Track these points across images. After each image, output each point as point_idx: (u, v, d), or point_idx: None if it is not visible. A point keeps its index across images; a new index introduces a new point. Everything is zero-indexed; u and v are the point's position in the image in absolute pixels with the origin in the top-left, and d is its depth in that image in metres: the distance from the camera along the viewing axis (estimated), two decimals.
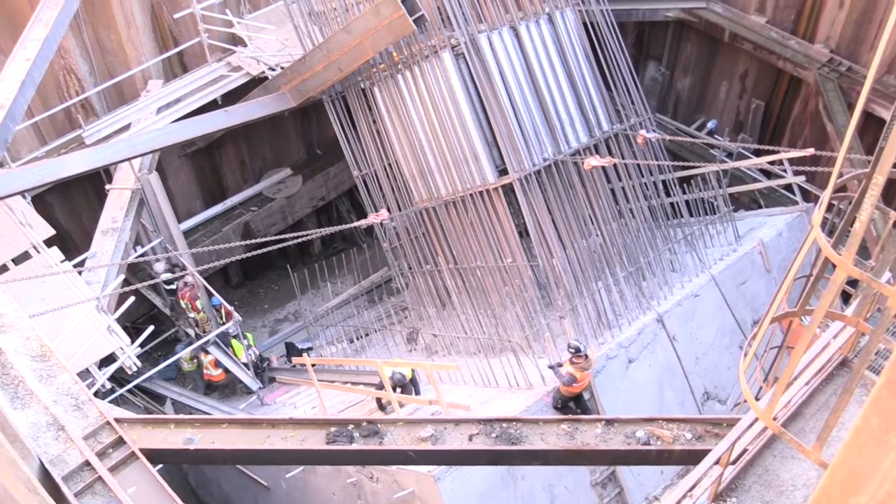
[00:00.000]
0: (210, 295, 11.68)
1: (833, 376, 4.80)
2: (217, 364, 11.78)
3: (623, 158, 11.17)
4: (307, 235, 10.04)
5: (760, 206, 13.63)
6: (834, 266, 3.35)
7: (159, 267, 12.13)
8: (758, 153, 13.22)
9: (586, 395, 9.11)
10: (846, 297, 9.18)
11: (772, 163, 12.18)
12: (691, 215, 11.61)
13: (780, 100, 14.36)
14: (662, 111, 15.95)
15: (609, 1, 11.86)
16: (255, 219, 15.03)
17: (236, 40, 12.81)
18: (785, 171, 12.05)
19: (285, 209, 15.49)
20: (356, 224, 10.54)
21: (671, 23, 14.43)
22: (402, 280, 12.49)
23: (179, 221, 13.36)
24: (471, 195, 10.89)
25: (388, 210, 11.14)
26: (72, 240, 12.71)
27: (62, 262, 10.28)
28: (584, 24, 11.49)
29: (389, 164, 11.68)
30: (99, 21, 11.92)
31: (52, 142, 12.12)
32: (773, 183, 13.12)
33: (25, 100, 9.88)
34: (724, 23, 13.64)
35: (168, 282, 12.07)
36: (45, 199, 12.08)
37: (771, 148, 11.14)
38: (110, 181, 11.81)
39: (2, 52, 10.88)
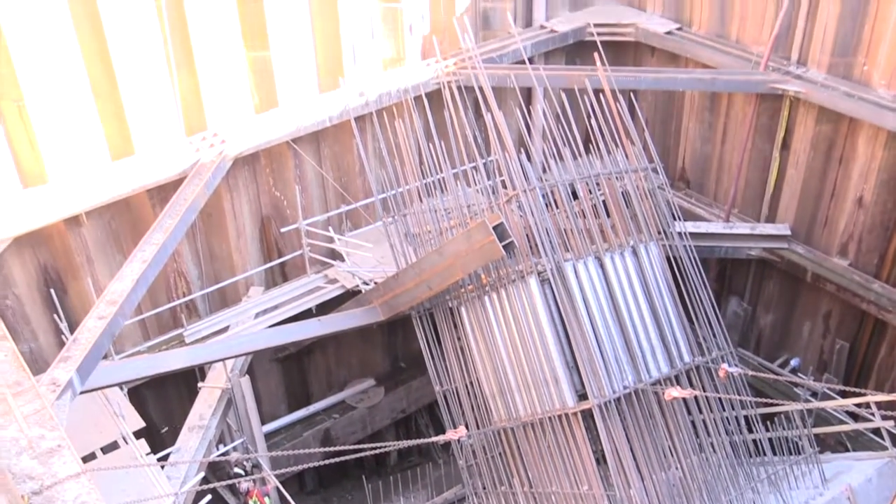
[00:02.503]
0: (283, 501, 11.49)
1: None
2: None
3: (704, 391, 10.91)
4: (385, 447, 9.87)
5: (847, 449, 12.97)
6: None
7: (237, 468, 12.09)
8: (843, 394, 12.75)
9: None
10: None
11: (859, 405, 11.71)
12: (775, 454, 11.10)
13: (866, 342, 13.97)
14: (745, 346, 15.66)
15: (692, 237, 12.04)
16: (335, 426, 15.00)
17: (335, 255, 13.31)
18: (873, 414, 11.57)
19: (366, 419, 15.45)
20: (434, 439, 10.38)
21: (753, 261, 14.44)
22: (475, 500, 12.09)
23: (263, 423, 13.41)
24: (549, 418, 10.67)
25: (467, 427, 10.98)
26: (159, 433, 12.83)
27: (147, 454, 10.35)
28: (668, 258, 11.61)
29: (471, 382, 11.62)
30: (212, 230, 12.60)
31: (155, 338, 12.52)
32: (861, 426, 12.52)
33: (137, 298, 10.29)
34: (807, 264, 13.58)
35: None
36: (141, 392, 12.33)
37: (857, 390, 10.72)
38: (203, 379, 12.03)
39: (122, 254, 11.53)
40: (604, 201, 11.57)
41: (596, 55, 12.76)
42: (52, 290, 11.09)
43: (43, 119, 10.40)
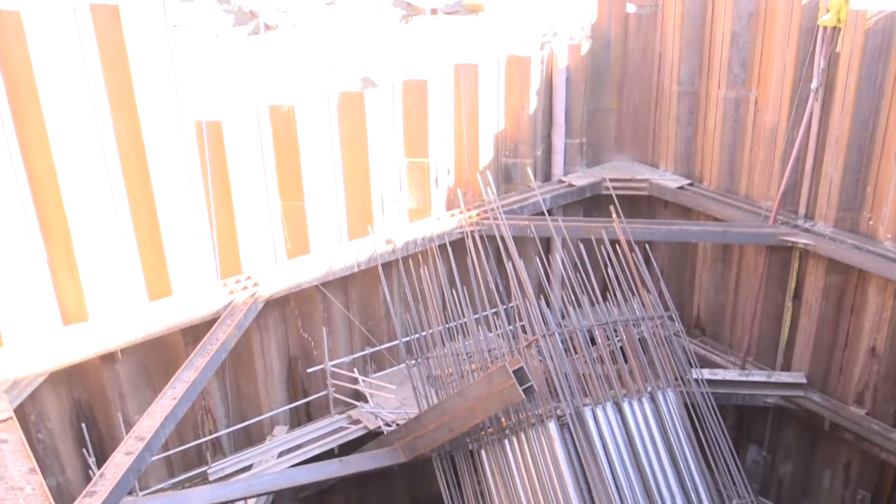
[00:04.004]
0: None
1: None
2: None
3: None
4: None
5: None
6: None
7: None
8: None
9: None
10: None
11: None
12: None
13: (888, 491, 13.54)
14: (765, 494, 15.22)
15: (709, 384, 11.96)
16: None
17: (359, 396, 13.29)
18: None
19: None
20: None
21: (771, 408, 14.24)
22: None
23: None
24: None
25: None
26: None
27: None
28: (686, 405, 11.52)
29: None
30: (241, 369, 12.67)
31: (180, 475, 12.38)
32: None
33: (165, 434, 10.27)
34: (824, 412, 13.37)
35: None
36: None
37: None
38: None
39: (153, 390, 11.59)
40: (621, 347, 11.62)
41: (612, 208, 13.14)
42: (84, 425, 11.11)
43: (87, 261, 10.70)
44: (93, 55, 10.11)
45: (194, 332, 11.61)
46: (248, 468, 12.38)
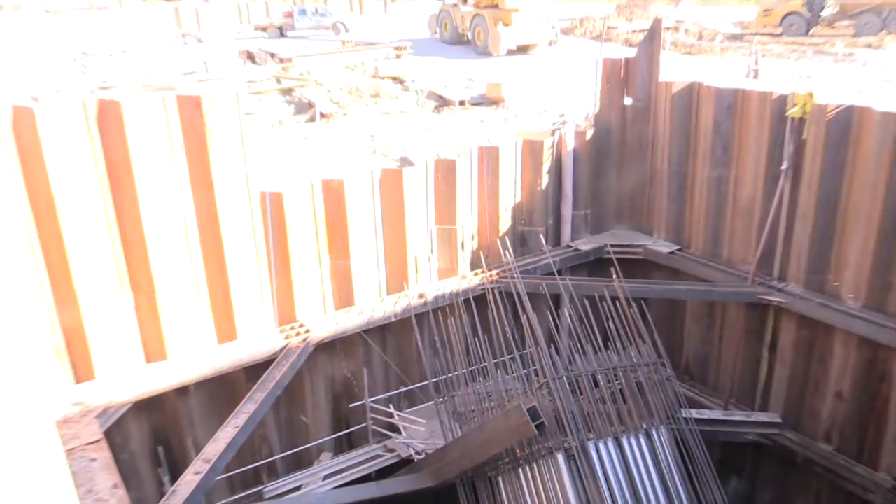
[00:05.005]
0: None
1: None
2: None
3: None
4: None
5: None
6: None
7: None
8: None
9: None
10: None
11: None
12: None
13: None
14: None
15: (696, 423, 11.79)
16: None
17: (394, 428, 13.21)
18: None
19: None
20: None
21: (750, 444, 13.97)
22: None
23: None
24: None
25: None
26: None
27: None
28: (677, 441, 11.35)
29: None
30: (293, 402, 12.68)
31: (239, 493, 12.32)
32: None
33: (228, 458, 10.27)
34: (797, 448, 13.08)
35: None
36: None
37: None
38: None
39: (219, 419, 11.62)
40: (621, 390, 11.52)
41: (612, 269, 13.14)
42: (160, 448, 11.16)
43: (168, 309, 10.89)
44: (177, 137, 10.43)
45: (254, 371, 11.69)
46: (298, 489, 12.29)
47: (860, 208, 11.67)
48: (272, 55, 31.65)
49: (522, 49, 32.06)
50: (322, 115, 18.88)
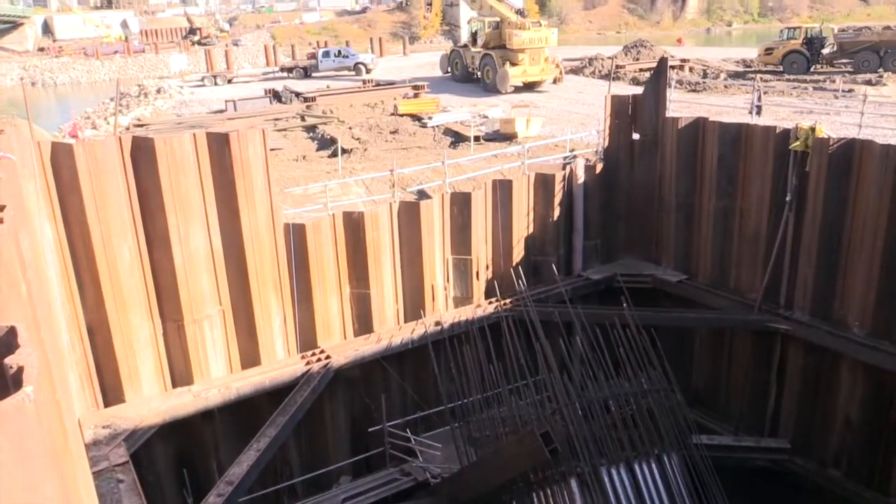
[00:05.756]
0: None
1: None
2: None
3: None
4: None
5: None
6: None
7: None
8: None
9: None
10: None
11: None
12: None
13: None
14: None
15: (707, 448, 11.58)
16: None
17: (411, 452, 13.07)
18: None
19: None
20: None
21: (760, 469, 13.69)
22: None
23: None
24: None
25: None
26: None
27: None
28: (687, 466, 11.15)
29: None
30: (314, 428, 12.60)
31: None
32: None
33: (250, 480, 10.23)
34: (806, 473, 12.81)
35: None
36: None
37: None
38: None
39: (242, 442, 11.55)
40: (632, 416, 11.35)
41: (622, 298, 13.04)
42: (185, 469, 11.10)
43: (193, 336, 10.92)
44: (206, 172, 10.54)
45: (276, 396, 11.64)
46: None
47: (864, 238, 11.55)
48: (297, 94, 32.10)
49: (529, 86, 32.38)
50: (343, 151, 19.04)
